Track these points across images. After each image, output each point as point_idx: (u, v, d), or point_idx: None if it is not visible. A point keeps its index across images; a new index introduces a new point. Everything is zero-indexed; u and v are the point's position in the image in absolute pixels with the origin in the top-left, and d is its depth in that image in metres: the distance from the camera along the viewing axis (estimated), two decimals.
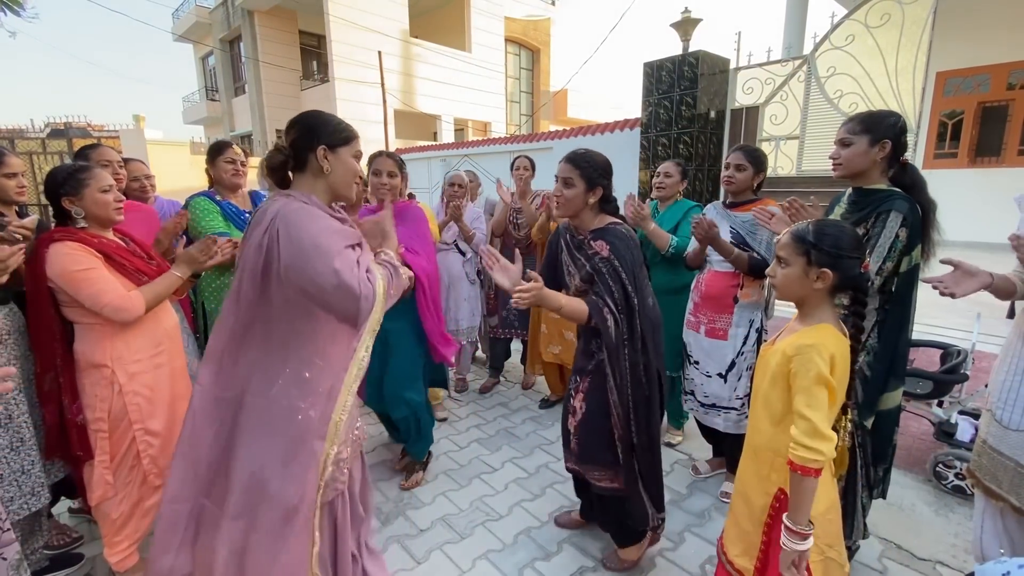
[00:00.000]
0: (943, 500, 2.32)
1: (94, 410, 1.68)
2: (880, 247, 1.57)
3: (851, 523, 1.84)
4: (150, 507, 1.80)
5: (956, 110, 7.95)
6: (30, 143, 9.45)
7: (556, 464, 2.67)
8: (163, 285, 1.76)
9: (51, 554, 1.93)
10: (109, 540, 1.77)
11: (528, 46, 21.25)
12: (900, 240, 1.56)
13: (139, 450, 1.72)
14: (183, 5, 19.43)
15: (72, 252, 1.58)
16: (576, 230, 1.84)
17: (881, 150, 1.62)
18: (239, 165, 2.41)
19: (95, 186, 1.66)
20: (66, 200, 1.65)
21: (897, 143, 1.63)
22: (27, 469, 1.63)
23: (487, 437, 2.99)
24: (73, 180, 1.64)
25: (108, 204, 1.69)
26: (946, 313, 4.19)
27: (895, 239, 1.55)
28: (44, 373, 1.69)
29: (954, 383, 2.43)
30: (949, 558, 1.97)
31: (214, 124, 20.61)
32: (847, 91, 3.99)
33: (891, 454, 1.80)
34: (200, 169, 2.60)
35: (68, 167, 1.69)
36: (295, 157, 1.33)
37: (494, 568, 1.95)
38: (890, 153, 1.63)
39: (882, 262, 1.57)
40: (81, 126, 10.05)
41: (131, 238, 1.86)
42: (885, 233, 1.56)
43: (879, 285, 1.62)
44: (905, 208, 1.56)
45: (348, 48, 14.82)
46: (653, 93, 4.97)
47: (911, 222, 1.56)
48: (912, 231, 1.57)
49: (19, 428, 1.62)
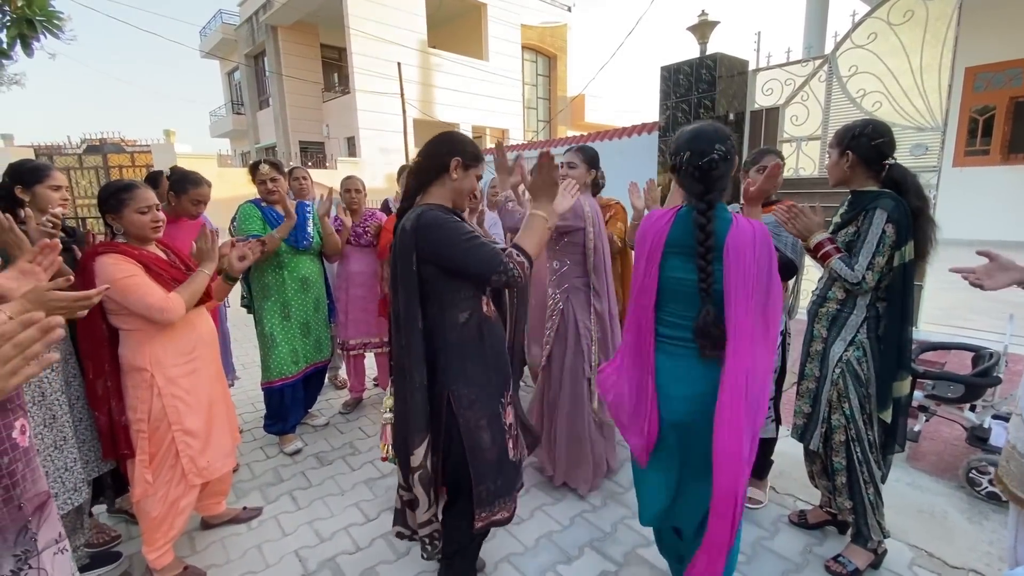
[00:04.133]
0: (977, 507, 2.25)
1: (135, 411, 1.79)
2: (868, 243, 1.68)
3: (864, 524, 1.82)
4: (185, 507, 1.88)
5: (987, 106, 7.72)
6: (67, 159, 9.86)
7: None
8: (195, 284, 1.85)
9: (91, 552, 2.01)
10: (148, 537, 1.85)
11: (545, 52, 21.36)
12: (887, 235, 1.65)
13: (178, 450, 1.81)
14: (210, 23, 20.08)
15: (116, 262, 1.70)
16: None
17: (846, 159, 1.76)
18: (269, 184, 2.68)
19: (133, 207, 1.78)
20: (108, 216, 1.81)
21: (863, 151, 1.74)
22: (69, 466, 1.72)
23: None
24: (114, 200, 1.78)
25: (145, 225, 1.80)
26: (978, 315, 4.07)
27: (882, 235, 1.66)
28: (96, 379, 1.81)
29: (987, 387, 2.36)
30: (983, 566, 1.91)
31: (240, 137, 21.21)
32: (870, 90, 3.92)
33: (894, 444, 1.84)
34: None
35: (112, 186, 1.82)
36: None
37: (516, 570, 1.96)
38: (856, 161, 1.75)
39: (871, 257, 1.67)
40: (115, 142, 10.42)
41: (171, 249, 1.98)
42: (872, 230, 1.67)
43: (875, 281, 1.68)
44: (890, 206, 1.66)
45: (368, 60, 15.12)
46: (671, 97, 4.96)
47: (896, 218, 1.65)
48: (899, 227, 1.65)
49: (62, 428, 1.72)
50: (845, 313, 1.80)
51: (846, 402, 1.79)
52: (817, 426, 1.88)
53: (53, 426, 1.69)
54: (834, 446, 1.85)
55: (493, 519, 1.55)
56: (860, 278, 1.69)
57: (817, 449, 1.90)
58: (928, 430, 2.80)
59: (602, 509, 2.33)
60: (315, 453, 2.91)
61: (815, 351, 1.88)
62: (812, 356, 1.90)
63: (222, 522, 2.26)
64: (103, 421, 1.83)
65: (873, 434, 1.81)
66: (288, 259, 2.80)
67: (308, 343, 2.94)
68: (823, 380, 1.85)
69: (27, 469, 1.21)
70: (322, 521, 2.30)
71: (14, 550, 1.19)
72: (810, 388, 1.92)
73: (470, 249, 1.41)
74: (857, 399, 1.78)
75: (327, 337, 3.09)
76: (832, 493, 1.95)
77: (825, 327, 1.85)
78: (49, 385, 1.69)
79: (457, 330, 1.47)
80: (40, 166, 1.91)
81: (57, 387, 1.73)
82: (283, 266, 2.79)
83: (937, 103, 3.65)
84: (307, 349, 2.93)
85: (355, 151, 16.08)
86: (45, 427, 1.66)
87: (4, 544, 1.16)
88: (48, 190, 1.88)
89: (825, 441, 1.87)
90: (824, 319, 1.86)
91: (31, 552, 1.24)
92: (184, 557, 2.04)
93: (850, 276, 1.71)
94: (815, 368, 1.88)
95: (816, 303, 1.90)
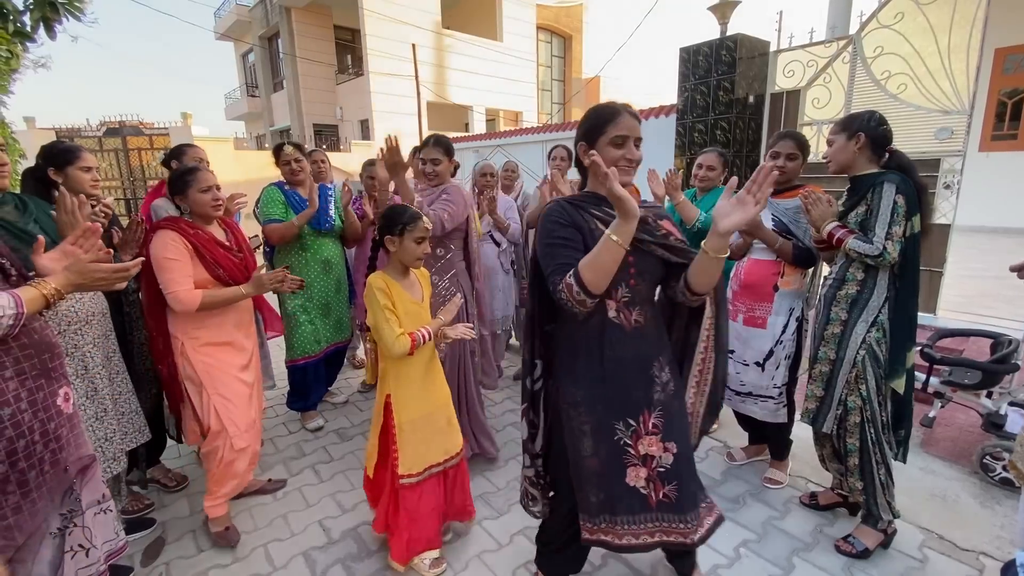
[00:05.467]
0: (990, 492, 2.27)
1: (181, 369, 1.98)
2: (882, 215, 1.74)
3: (875, 504, 1.85)
4: (237, 470, 2.02)
5: (1017, 88, 7.47)
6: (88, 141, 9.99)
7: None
8: (225, 295, 1.97)
9: (127, 518, 2.12)
10: (208, 487, 2.04)
11: (560, 33, 20.99)
12: (900, 205, 1.72)
13: (217, 411, 1.95)
14: (224, 4, 20.02)
15: (168, 241, 1.86)
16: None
17: (857, 142, 1.82)
18: (293, 164, 2.75)
19: (196, 187, 1.95)
20: (176, 198, 1.99)
21: (873, 134, 1.81)
22: (109, 437, 1.82)
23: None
24: (180, 181, 1.96)
25: (207, 203, 1.97)
26: (997, 302, 4.01)
27: (894, 204, 1.72)
28: (157, 336, 2.00)
29: (1004, 373, 2.35)
30: (994, 549, 1.93)
31: (254, 119, 21.27)
32: (895, 71, 3.82)
33: (910, 415, 1.89)
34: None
35: (179, 171, 1.99)
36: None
37: (531, 544, 2.03)
38: (866, 143, 1.81)
39: (889, 227, 1.72)
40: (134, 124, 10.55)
41: (233, 231, 2.15)
42: (884, 202, 1.74)
43: (898, 251, 1.72)
44: (896, 179, 1.74)
45: (382, 42, 15.00)
46: (689, 78, 4.88)
47: (904, 190, 1.73)
48: (908, 198, 1.72)
49: (103, 400, 1.81)
50: (866, 294, 1.82)
51: (863, 383, 1.82)
52: (831, 409, 1.90)
53: (95, 398, 1.78)
54: (848, 427, 1.87)
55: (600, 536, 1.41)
56: (881, 249, 1.72)
57: (830, 432, 1.93)
58: (943, 416, 2.81)
59: None
60: (335, 429, 3.00)
61: (831, 334, 1.90)
62: (827, 340, 1.91)
63: (249, 492, 2.36)
64: (165, 373, 2.03)
65: (887, 415, 1.84)
66: (311, 241, 2.86)
67: (329, 323, 3.00)
68: (839, 362, 1.87)
69: (71, 434, 1.29)
70: (343, 494, 2.38)
71: (60, 509, 1.28)
72: (823, 372, 1.94)
73: (545, 254, 1.32)
74: (874, 380, 1.81)
75: (348, 318, 3.15)
76: (843, 475, 1.98)
77: (845, 309, 1.86)
78: (92, 359, 1.78)
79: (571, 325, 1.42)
80: (72, 147, 1.96)
81: (99, 361, 1.81)
82: (306, 248, 2.85)
83: (964, 85, 3.55)
84: (328, 329, 3.00)
85: (369, 134, 16.06)
86: (87, 399, 1.75)
87: (51, 504, 1.25)
88: (80, 171, 1.94)
89: (839, 423, 1.90)
90: (844, 301, 1.87)
91: (76, 511, 1.33)
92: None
93: (870, 250, 1.74)
94: (830, 351, 1.90)
95: (834, 287, 1.91)
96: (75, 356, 1.72)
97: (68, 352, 1.70)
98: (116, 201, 10.28)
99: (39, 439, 1.16)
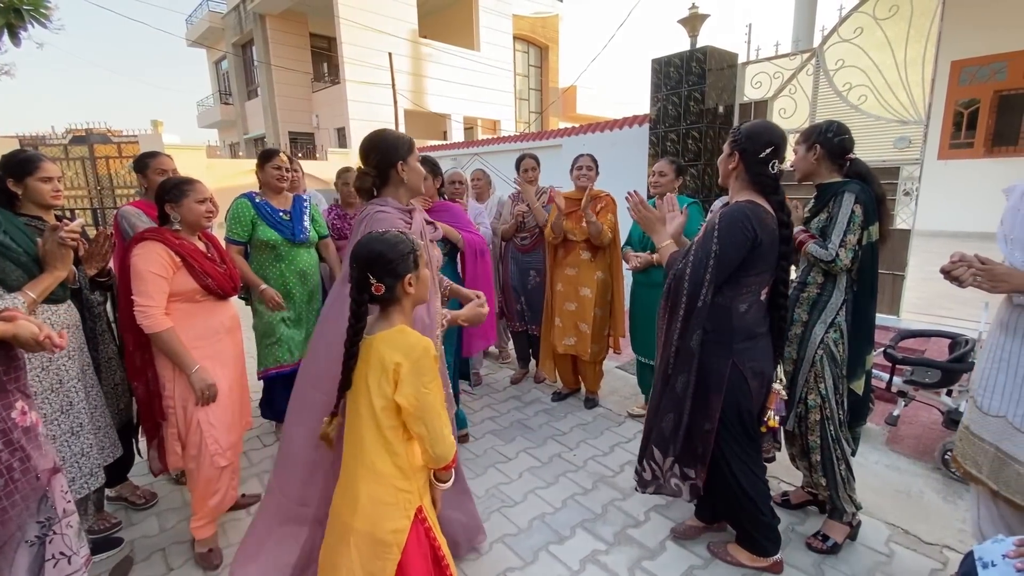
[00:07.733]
0: (952, 487, 2.35)
1: (164, 386, 1.90)
2: (839, 223, 1.82)
3: (839, 498, 1.92)
4: (220, 488, 1.97)
5: (972, 99, 7.84)
6: (53, 150, 9.71)
7: (568, 453, 2.75)
8: (178, 351, 1.83)
9: (93, 538, 2.04)
10: (193, 508, 1.99)
11: (536, 43, 21.25)
12: (856, 215, 1.80)
13: (202, 429, 1.88)
14: (196, 11, 19.73)
15: (155, 255, 1.81)
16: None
17: (814, 153, 1.91)
18: (284, 171, 2.73)
19: (193, 197, 1.93)
20: (168, 206, 1.92)
21: (829, 145, 1.89)
22: (86, 451, 1.78)
23: (501, 428, 3.07)
24: (177, 190, 1.92)
25: (201, 213, 1.95)
26: (955, 304, 4.18)
27: (852, 214, 1.80)
28: (135, 351, 1.93)
29: (962, 372, 2.45)
30: (956, 543, 2.01)
31: (228, 127, 20.93)
32: (856, 83, 3.98)
33: (865, 414, 2.01)
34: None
35: (175, 180, 1.96)
36: (380, 176, 1.66)
37: (509, 550, 2.03)
38: (823, 154, 1.90)
39: (844, 235, 1.81)
40: (101, 132, 10.27)
41: (213, 243, 2.10)
42: (842, 211, 1.82)
43: (850, 259, 1.81)
44: (856, 189, 1.83)
45: (358, 50, 14.96)
46: (662, 89, 5.00)
47: (863, 200, 1.81)
48: (866, 208, 1.81)
49: (78, 415, 1.77)
50: (825, 296, 1.90)
51: (822, 382, 1.89)
52: (793, 407, 1.97)
53: (70, 412, 1.73)
54: (809, 425, 1.94)
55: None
56: (833, 256, 1.81)
57: (793, 430, 1.99)
58: (907, 415, 2.91)
59: (593, 492, 2.41)
60: None
61: (793, 335, 1.96)
62: (790, 340, 1.97)
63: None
64: (141, 391, 1.96)
65: (844, 413, 1.92)
66: (285, 251, 2.82)
67: (300, 334, 2.96)
68: (800, 362, 1.94)
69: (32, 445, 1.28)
70: None
71: (38, 517, 1.26)
72: (787, 371, 2.00)
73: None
74: (832, 379, 1.89)
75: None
76: (809, 471, 2.04)
77: (806, 311, 1.93)
78: (66, 373, 1.74)
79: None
80: (30, 157, 1.84)
81: (74, 374, 1.77)
82: (281, 259, 2.81)
83: (920, 97, 3.72)
84: (300, 341, 2.96)
85: (345, 142, 15.96)
86: (62, 414, 1.71)
87: (28, 512, 1.23)
88: (39, 182, 1.82)
89: (800, 421, 1.96)
90: (805, 303, 1.94)
91: (54, 519, 1.31)
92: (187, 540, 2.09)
93: (824, 255, 1.82)
94: (793, 351, 1.97)
95: (797, 289, 1.98)
96: (50, 369, 1.67)
97: (43, 366, 1.65)
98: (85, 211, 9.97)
99: (3, 447, 1.15)
